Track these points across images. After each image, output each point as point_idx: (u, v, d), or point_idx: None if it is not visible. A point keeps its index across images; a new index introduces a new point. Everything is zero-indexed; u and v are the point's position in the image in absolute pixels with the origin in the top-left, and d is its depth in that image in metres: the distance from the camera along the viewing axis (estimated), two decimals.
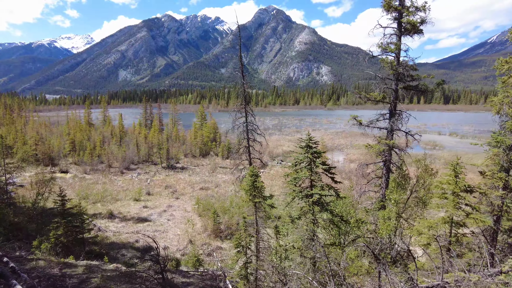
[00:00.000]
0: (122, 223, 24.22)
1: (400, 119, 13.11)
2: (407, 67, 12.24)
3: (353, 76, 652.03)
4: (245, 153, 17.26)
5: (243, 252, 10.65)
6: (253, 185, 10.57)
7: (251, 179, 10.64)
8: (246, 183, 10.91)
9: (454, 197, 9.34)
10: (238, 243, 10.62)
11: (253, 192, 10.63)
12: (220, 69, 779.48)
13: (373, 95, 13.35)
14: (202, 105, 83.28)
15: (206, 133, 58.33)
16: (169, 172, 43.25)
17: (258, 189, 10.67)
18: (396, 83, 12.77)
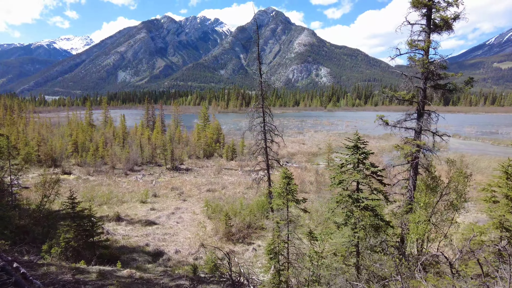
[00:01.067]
0: (130, 226, 23.62)
1: (429, 120, 12.60)
2: (438, 65, 11.75)
3: (352, 78, 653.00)
4: (262, 154, 16.68)
5: (275, 259, 10.09)
6: (286, 188, 10.02)
7: (284, 181, 10.09)
8: (279, 185, 10.36)
9: (508, 200, 8.80)
10: (270, 249, 10.06)
11: (287, 195, 10.08)
12: (219, 71, 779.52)
13: (401, 94, 12.83)
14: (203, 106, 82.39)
15: (210, 134, 57.79)
16: (173, 173, 42.65)
17: (292, 192, 10.12)
18: (425, 82, 12.27)
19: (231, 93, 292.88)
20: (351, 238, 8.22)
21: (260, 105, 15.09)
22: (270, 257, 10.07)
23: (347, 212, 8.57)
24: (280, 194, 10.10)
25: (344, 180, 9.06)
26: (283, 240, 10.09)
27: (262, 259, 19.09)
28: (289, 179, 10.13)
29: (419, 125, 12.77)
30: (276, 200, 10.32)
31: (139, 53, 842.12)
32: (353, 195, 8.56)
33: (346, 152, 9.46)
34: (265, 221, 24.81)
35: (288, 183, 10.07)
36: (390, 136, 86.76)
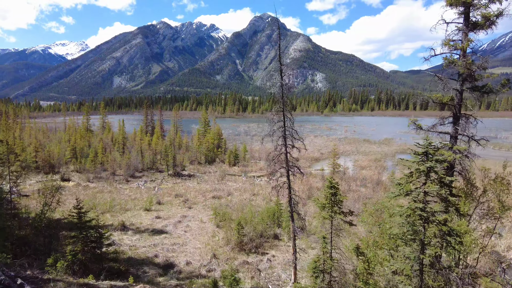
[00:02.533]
0: (137, 235, 22.55)
1: (468, 123, 11.86)
2: (480, 66, 11.03)
3: (348, 83, 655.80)
4: (281, 160, 15.84)
5: (320, 277, 9.18)
6: (332, 199, 9.17)
7: (330, 191, 9.24)
8: (324, 195, 9.50)
9: None
10: (315, 267, 9.15)
11: (333, 208, 9.22)
12: (215, 76, 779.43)
13: (437, 96, 12.09)
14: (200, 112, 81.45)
15: (211, 140, 56.83)
16: (176, 179, 41.59)
17: (338, 204, 9.26)
18: (462, 84, 11.54)
19: (228, 99, 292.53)
20: (417, 255, 7.36)
21: (281, 109, 14.23)
22: (316, 276, 9.15)
23: (413, 226, 7.72)
24: (324, 205, 9.25)
25: (413, 191, 8.20)
26: (331, 257, 9.19)
27: (279, 270, 18.15)
28: (335, 189, 9.29)
29: (455, 129, 11.99)
30: (321, 212, 9.47)
31: (134, 58, 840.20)
32: (426, 209, 7.69)
33: (412, 160, 8.64)
34: (276, 229, 23.89)
35: (335, 194, 9.22)
36: (390, 141, 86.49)
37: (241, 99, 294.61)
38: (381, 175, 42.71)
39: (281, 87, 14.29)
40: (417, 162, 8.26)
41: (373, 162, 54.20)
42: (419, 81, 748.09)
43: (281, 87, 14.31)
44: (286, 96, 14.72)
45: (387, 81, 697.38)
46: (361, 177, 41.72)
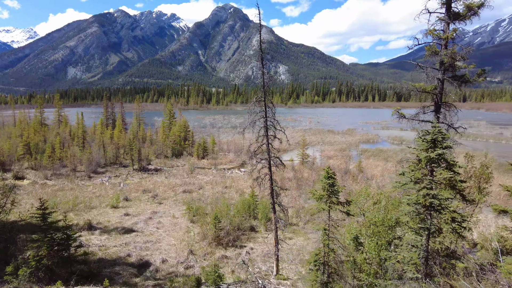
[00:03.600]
0: (105, 234, 21.23)
1: (450, 112, 12.15)
2: (462, 55, 11.27)
3: (310, 76, 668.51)
4: (263, 151, 15.46)
5: (321, 270, 8.91)
6: (330, 189, 8.89)
7: (328, 181, 8.96)
8: (322, 186, 9.19)
9: None
10: (316, 260, 8.85)
11: (330, 198, 8.95)
12: (177, 67, 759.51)
13: (421, 85, 12.24)
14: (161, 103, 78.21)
15: (177, 132, 55.14)
16: (142, 174, 39.90)
17: (336, 194, 9.01)
18: (443, 73, 11.77)
19: (191, 90, 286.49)
20: (425, 243, 7.32)
21: (262, 99, 13.77)
22: (317, 269, 8.87)
23: (420, 215, 7.65)
24: (321, 196, 8.98)
25: (424, 179, 8.10)
26: (331, 249, 8.94)
27: (259, 263, 17.91)
28: (333, 180, 9.04)
29: (437, 117, 12.25)
30: (318, 203, 9.20)
31: (91, 48, 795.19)
32: (438, 196, 7.63)
33: (420, 147, 8.54)
34: (252, 221, 23.63)
35: (332, 184, 8.97)
36: (353, 131, 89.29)
37: (205, 91, 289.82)
38: (348, 164, 43.84)
39: (262, 76, 13.80)
40: (425, 150, 8.21)
41: (339, 151, 55.58)
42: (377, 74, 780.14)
43: (262, 76, 13.83)
44: (267, 86, 14.28)
45: (347, 74, 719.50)
46: (329, 167, 42.55)
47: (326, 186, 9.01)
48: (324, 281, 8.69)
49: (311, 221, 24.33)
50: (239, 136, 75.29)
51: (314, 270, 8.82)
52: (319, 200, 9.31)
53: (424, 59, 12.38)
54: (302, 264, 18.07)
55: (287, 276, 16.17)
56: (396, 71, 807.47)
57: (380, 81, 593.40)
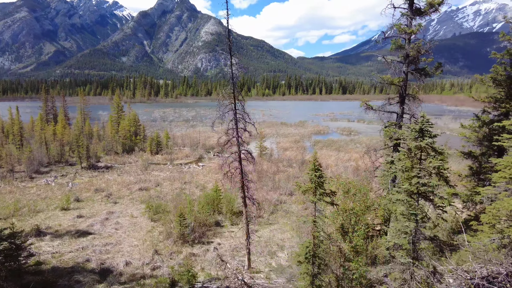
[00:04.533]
0: (58, 240, 19.50)
1: (414, 103, 12.85)
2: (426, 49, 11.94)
3: (259, 69, 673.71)
4: (232, 145, 15.19)
5: (311, 262, 8.86)
6: (318, 181, 8.84)
7: (316, 173, 8.90)
8: (309, 178, 9.11)
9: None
10: (306, 252, 8.76)
11: (318, 189, 8.91)
12: (121, 58, 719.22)
13: (386, 77, 12.80)
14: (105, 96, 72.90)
15: (127, 127, 52.36)
16: (92, 173, 37.32)
17: (322, 185, 8.99)
18: (407, 66, 12.42)
19: (137, 82, 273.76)
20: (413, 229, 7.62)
21: (231, 91, 13.46)
22: (307, 261, 8.81)
23: (411, 202, 7.92)
24: (308, 188, 8.95)
25: (414, 168, 8.32)
26: (321, 240, 8.95)
27: (228, 258, 17.69)
28: (320, 172, 9.03)
29: (402, 108, 12.93)
30: (306, 195, 9.16)
31: (20, 35, 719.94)
32: (429, 183, 7.92)
33: (409, 137, 8.73)
34: (217, 216, 23.29)
35: (320, 176, 8.96)
36: (304, 123, 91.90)
37: (152, 83, 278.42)
38: (304, 155, 45.08)
39: (231, 67, 13.44)
40: (414, 139, 8.54)
41: (294, 143, 56.92)
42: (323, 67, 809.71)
43: (231, 67, 13.46)
44: (236, 78, 13.96)
45: (295, 67, 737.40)
46: (286, 158, 43.42)
47: (314, 178, 9.05)
48: (314, 272, 8.78)
49: (275, 213, 24.63)
50: (192, 130, 73.74)
51: (305, 262, 8.86)
52: (306, 192, 9.35)
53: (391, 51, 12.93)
54: (271, 256, 18.24)
55: (259, 269, 16.21)
56: (341, 64, 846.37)
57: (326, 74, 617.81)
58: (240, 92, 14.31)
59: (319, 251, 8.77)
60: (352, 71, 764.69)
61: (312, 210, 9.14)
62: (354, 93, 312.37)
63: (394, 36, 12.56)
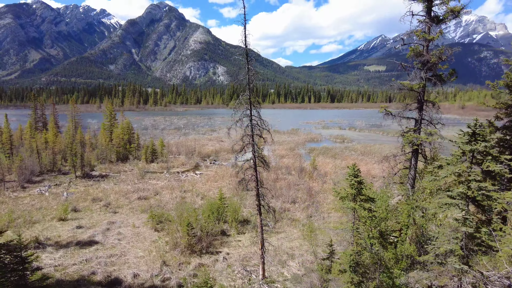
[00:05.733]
0: (59, 251, 18.69)
1: (434, 109, 12.86)
2: (443, 54, 11.99)
3: None
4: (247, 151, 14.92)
5: (353, 271, 8.50)
6: (359, 187, 8.59)
7: (356, 179, 8.65)
8: (349, 183, 8.84)
9: None
10: (350, 260, 8.43)
11: (359, 196, 8.65)
12: (108, 66, 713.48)
13: (405, 83, 12.78)
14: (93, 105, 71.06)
15: (121, 135, 51.42)
16: (87, 182, 36.32)
17: (361, 191, 8.72)
18: (426, 72, 12.46)
19: (126, 90, 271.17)
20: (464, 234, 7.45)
21: (248, 97, 13.24)
22: (351, 269, 8.49)
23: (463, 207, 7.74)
24: (347, 195, 8.69)
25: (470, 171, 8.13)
26: (364, 247, 8.67)
27: (238, 267, 17.24)
28: (359, 177, 8.77)
29: (420, 114, 12.91)
30: (343, 202, 8.89)
31: (4, 42, 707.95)
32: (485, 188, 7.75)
33: (461, 140, 8.59)
34: (223, 225, 22.79)
35: (360, 182, 8.71)
36: (297, 131, 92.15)
37: (141, 91, 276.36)
38: (301, 163, 44.96)
39: (247, 73, 13.23)
40: (468, 143, 8.40)
41: (289, 151, 56.84)
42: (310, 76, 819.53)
43: (247, 73, 13.26)
44: (252, 83, 13.75)
45: (283, 76, 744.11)
46: (284, 166, 43.22)
47: (355, 184, 8.83)
48: (358, 281, 8.49)
49: (280, 221, 24.28)
50: (185, 138, 72.96)
51: (349, 271, 8.56)
52: (344, 199, 9.10)
53: (409, 59, 12.96)
54: (282, 265, 17.86)
55: (273, 279, 15.81)
56: (328, 73, 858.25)
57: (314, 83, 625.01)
58: (255, 98, 14.05)
59: (363, 258, 8.53)
60: (339, 80, 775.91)
61: (351, 217, 8.90)
62: (342, 101, 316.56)
63: (412, 43, 12.61)
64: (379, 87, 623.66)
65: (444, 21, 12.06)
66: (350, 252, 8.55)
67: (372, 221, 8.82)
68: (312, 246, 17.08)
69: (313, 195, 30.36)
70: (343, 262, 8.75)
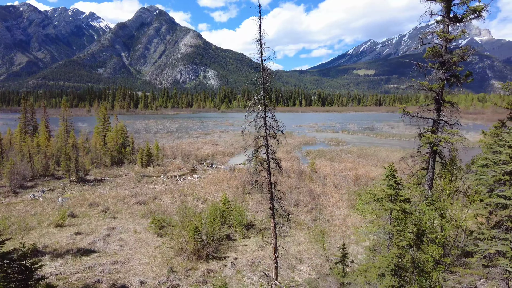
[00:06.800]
0: (59, 260, 17.90)
1: (454, 110, 12.69)
2: (465, 54, 11.85)
3: (239, 81, 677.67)
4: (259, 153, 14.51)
5: (397, 276, 8.11)
6: (396, 187, 8.23)
7: (394, 179, 8.28)
8: (386, 184, 8.48)
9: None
10: (389, 264, 8.03)
11: (399, 197, 8.29)
12: (97, 69, 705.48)
13: (424, 83, 12.60)
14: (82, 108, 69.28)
15: (116, 139, 50.42)
16: (82, 186, 35.34)
17: (400, 192, 8.35)
18: (444, 72, 12.29)
19: (117, 94, 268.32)
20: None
21: (262, 97, 12.86)
22: (393, 273, 8.10)
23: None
24: (385, 196, 8.35)
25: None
26: (405, 249, 8.30)
27: (248, 273, 16.76)
28: (397, 178, 8.42)
29: (438, 114, 12.73)
30: (382, 204, 8.54)
31: None
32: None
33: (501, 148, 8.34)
34: (227, 229, 22.27)
35: (399, 183, 8.37)
36: (291, 134, 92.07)
37: (131, 95, 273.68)
38: (300, 165, 44.68)
39: (262, 72, 12.85)
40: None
41: (285, 154, 56.56)
42: (301, 80, 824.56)
43: (262, 73, 12.88)
44: (268, 83, 13.38)
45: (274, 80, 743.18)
46: (283, 169, 42.80)
47: (393, 184, 8.50)
48: (399, 285, 8.13)
49: (285, 224, 23.86)
50: (179, 141, 72.05)
51: (390, 274, 8.20)
52: (381, 200, 8.77)
53: (426, 59, 12.79)
54: (292, 269, 17.46)
55: (286, 284, 15.37)
56: (318, 77, 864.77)
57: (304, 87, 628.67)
58: (269, 98, 13.67)
59: (404, 261, 8.18)
60: (329, 84, 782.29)
61: (388, 219, 8.57)
62: (332, 105, 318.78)
63: (432, 42, 12.46)
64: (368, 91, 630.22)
65: (463, 21, 11.96)
66: (392, 255, 8.20)
67: (409, 223, 8.51)
68: (324, 250, 16.72)
69: (315, 197, 30.07)
70: (382, 266, 8.40)
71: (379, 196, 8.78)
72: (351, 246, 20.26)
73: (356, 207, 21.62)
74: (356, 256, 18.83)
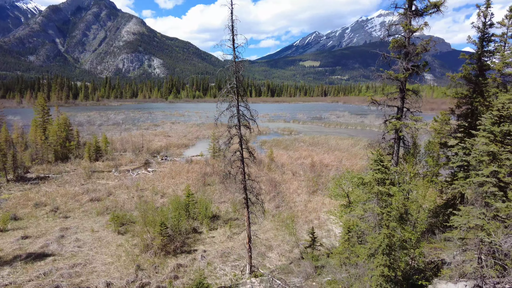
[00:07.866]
0: (6, 268, 16.11)
1: (417, 98, 13.48)
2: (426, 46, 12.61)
3: (186, 70, 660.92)
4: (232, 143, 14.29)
5: (385, 253, 8.32)
6: (386, 171, 8.42)
7: (383, 164, 8.44)
8: (375, 169, 8.63)
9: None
10: (380, 245, 8.19)
11: (386, 180, 8.49)
12: (27, 56, 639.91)
13: (390, 73, 13.20)
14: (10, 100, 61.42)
15: (59, 132, 46.42)
16: (22, 186, 32.13)
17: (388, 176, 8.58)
18: (407, 62, 13.02)
19: (53, 83, 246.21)
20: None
21: (234, 86, 12.60)
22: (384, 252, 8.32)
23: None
24: (372, 180, 8.52)
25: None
26: (394, 229, 8.54)
27: (219, 264, 16.61)
28: (385, 163, 8.64)
29: (402, 102, 13.49)
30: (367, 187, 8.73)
31: None
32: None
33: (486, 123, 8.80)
34: (193, 222, 21.78)
35: (387, 167, 8.58)
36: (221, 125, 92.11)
37: (70, 85, 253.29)
38: (257, 155, 45.00)
39: (234, 60, 12.53)
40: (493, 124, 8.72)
41: None
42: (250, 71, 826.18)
43: (234, 61, 12.55)
44: (240, 72, 13.09)
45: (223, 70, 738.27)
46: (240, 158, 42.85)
47: (382, 169, 8.77)
48: (390, 263, 8.48)
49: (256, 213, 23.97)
50: (127, 134, 68.43)
51: (381, 254, 8.50)
52: (369, 184, 9.03)
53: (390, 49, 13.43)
54: (262, 257, 17.66)
55: (260, 273, 15.48)
56: (266, 68, 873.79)
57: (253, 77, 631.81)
58: (242, 87, 13.42)
59: (394, 240, 8.58)
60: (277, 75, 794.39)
61: (376, 202, 8.90)
62: (281, 95, 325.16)
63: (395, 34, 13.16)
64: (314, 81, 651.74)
65: (424, 15, 12.78)
66: (382, 236, 8.59)
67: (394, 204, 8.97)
68: (294, 235, 17.15)
69: (276, 186, 30.59)
70: (373, 246, 8.76)
71: (367, 180, 9.15)
72: (315, 230, 20.99)
73: (330, 191, 22.40)
74: (321, 240, 19.59)
